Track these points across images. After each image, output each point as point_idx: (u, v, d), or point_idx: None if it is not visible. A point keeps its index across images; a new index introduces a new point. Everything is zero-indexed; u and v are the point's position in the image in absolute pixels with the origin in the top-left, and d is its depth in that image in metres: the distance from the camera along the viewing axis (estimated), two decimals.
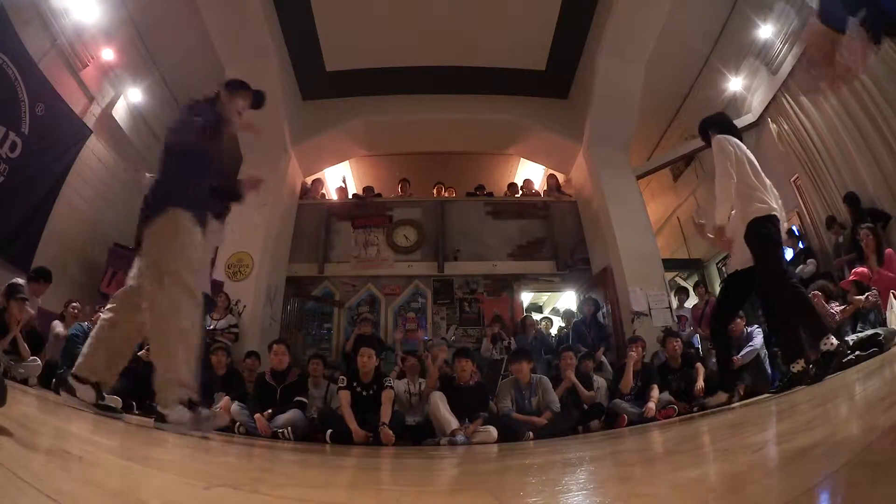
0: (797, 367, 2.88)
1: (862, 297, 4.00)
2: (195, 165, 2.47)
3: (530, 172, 9.61)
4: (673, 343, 4.66)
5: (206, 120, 2.46)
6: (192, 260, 2.34)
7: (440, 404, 3.87)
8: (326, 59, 7.27)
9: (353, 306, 7.34)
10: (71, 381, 2.41)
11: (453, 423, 3.76)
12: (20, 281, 4.24)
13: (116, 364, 2.53)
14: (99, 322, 2.53)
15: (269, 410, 3.98)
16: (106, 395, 3.68)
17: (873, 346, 3.33)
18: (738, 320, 4.54)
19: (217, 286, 6.19)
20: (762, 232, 3.02)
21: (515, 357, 4.50)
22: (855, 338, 3.57)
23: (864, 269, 4.27)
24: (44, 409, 2.38)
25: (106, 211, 6.32)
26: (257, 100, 2.77)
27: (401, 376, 4.71)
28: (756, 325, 4.78)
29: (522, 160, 9.47)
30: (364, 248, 7.75)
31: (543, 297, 9.65)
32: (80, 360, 2.45)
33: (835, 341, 2.68)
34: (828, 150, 5.68)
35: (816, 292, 4.06)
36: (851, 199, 5.25)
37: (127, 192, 6.72)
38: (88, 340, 2.51)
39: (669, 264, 7.19)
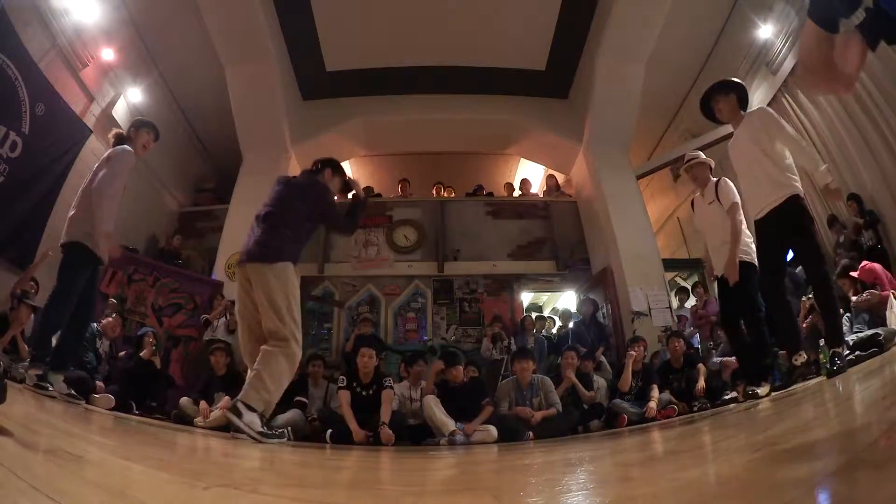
0: (799, 359, 2.89)
1: (866, 296, 3.98)
2: None
3: (530, 172, 9.62)
4: (675, 343, 4.66)
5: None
6: None
7: (434, 408, 3.87)
8: (326, 59, 7.27)
9: (353, 306, 7.34)
10: None
11: (450, 424, 3.76)
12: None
13: None
14: None
15: None
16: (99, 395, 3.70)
17: (873, 346, 3.32)
18: None
19: (217, 286, 6.19)
20: (809, 211, 3.02)
21: (520, 356, 4.45)
22: (855, 338, 3.56)
23: (873, 265, 4.24)
24: (44, 409, 2.38)
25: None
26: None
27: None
28: None
29: (522, 160, 9.48)
30: (364, 248, 7.75)
31: (543, 297, 9.65)
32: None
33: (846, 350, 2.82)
34: (828, 150, 5.68)
35: None
36: (856, 199, 5.22)
37: (126, 192, 6.72)
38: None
39: (669, 264, 7.18)
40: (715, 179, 3.62)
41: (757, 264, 3.29)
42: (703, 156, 3.76)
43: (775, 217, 2.99)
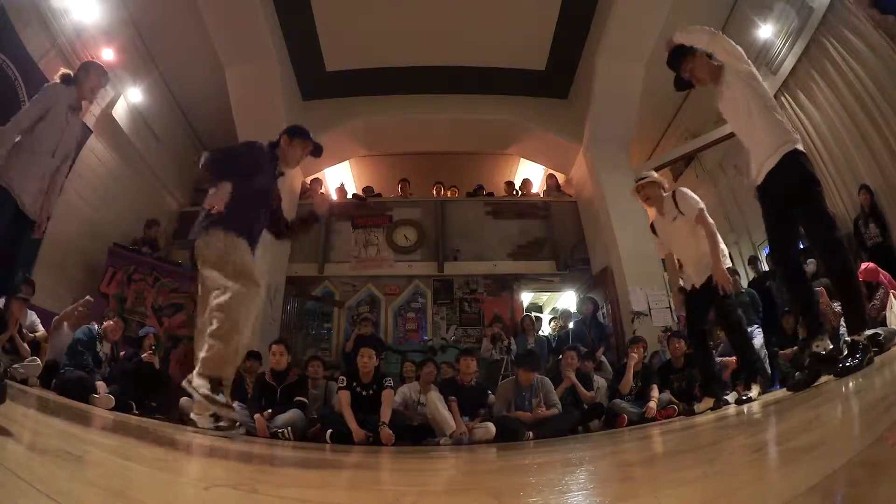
0: (822, 345, 2.50)
1: (876, 303, 3.96)
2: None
3: (530, 172, 9.62)
4: (676, 343, 4.65)
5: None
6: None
7: (438, 405, 3.87)
8: (326, 59, 7.27)
9: (353, 306, 7.34)
10: None
11: (452, 423, 3.76)
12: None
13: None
14: None
15: (269, 411, 3.98)
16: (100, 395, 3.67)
17: (873, 346, 3.32)
18: None
19: None
20: (811, 170, 2.52)
21: (523, 364, 4.37)
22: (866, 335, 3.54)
23: (873, 265, 4.23)
24: (44, 409, 2.38)
25: (106, 211, 6.32)
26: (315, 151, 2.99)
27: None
28: (756, 325, 4.77)
29: (522, 160, 9.47)
30: (364, 248, 7.76)
31: (543, 297, 9.65)
32: None
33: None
34: (827, 150, 5.68)
35: (820, 289, 4.03)
36: (868, 190, 5.08)
37: (127, 192, 6.73)
38: None
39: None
40: (668, 193, 3.47)
41: (729, 265, 3.30)
42: (655, 175, 3.63)
43: (773, 182, 2.54)
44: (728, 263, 3.39)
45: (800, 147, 2.53)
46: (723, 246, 3.39)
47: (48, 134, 2.86)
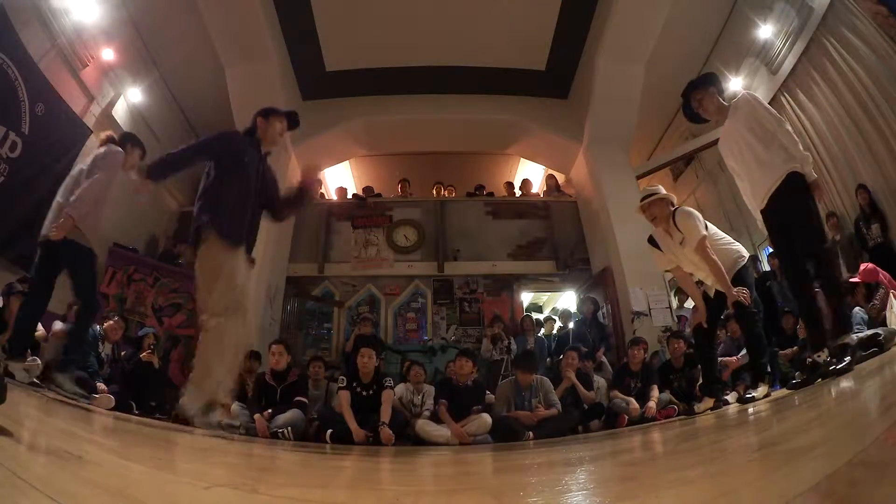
0: (822, 356, 2.67)
1: (876, 303, 3.95)
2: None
3: (530, 172, 9.62)
4: (675, 343, 4.65)
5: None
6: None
7: (429, 430, 3.87)
8: (326, 59, 7.28)
9: (353, 306, 7.35)
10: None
11: (445, 433, 3.79)
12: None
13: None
14: None
15: (269, 411, 3.98)
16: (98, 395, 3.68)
17: (873, 346, 3.32)
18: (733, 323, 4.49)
19: None
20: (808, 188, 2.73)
21: (521, 366, 4.37)
22: (855, 338, 3.55)
23: (871, 265, 4.23)
24: (44, 409, 2.38)
25: (106, 211, 6.31)
26: (292, 121, 3.05)
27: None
28: None
29: (522, 160, 9.48)
30: (364, 248, 7.76)
31: (543, 297, 9.65)
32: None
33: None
34: (827, 150, 5.69)
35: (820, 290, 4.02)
36: (866, 189, 5.09)
37: (127, 193, 6.72)
38: None
39: None
40: (669, 212, 3.33)
41: (746, 262, 3.26)
42: (663, 190, 3.43)
43: (776, 203, 2.77)
44: (746, 255, 3.33)
45: (798, 169, 2.73)
46: (737, 247, 3.34)
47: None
